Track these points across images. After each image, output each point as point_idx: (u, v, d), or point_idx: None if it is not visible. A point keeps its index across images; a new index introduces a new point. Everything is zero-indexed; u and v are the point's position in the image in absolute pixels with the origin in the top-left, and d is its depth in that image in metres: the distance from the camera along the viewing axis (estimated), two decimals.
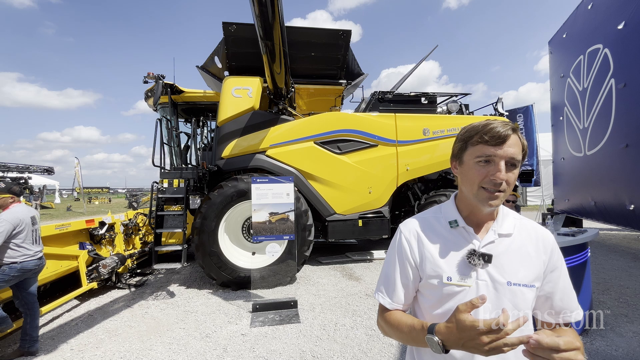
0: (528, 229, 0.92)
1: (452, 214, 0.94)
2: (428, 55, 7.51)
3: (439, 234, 0.93)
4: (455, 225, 0.91)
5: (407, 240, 0.95)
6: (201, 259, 4.73)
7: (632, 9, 4.79)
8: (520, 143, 0.84)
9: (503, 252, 0.87)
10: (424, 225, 0.96)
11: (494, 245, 0.88)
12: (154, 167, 5.26)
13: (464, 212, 0.93)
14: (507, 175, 0.81)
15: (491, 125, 0.83)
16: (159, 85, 5.07)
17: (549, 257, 0.89)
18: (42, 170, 10.01)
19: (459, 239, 0.91)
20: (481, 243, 0.88)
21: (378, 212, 5.70)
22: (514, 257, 0.87)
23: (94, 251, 4.63)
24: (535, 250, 0.89)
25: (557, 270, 0.90)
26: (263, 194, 4.19)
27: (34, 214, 3.29)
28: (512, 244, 0.89)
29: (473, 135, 0.86)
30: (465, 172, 0.89)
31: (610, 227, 7.90)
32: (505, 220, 0.92)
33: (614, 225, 6.36)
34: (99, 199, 35.07)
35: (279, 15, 3.60)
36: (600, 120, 5.84)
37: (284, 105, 5.67)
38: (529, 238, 0.90)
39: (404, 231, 0.97)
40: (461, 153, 0.91)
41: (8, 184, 3.26)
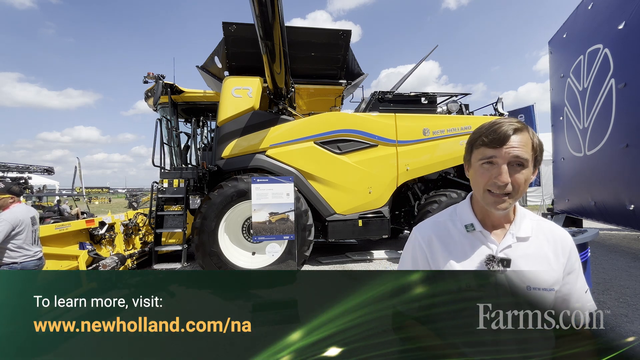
0: (545, 231, 0.90)
1: (468, 217, 0.91)
2: (428, 55, 7.51)
3: (455, 239, 0.90)
4: (472, 229, 0.89)
5: (422, 245, 0.92)
6: (201, 259, 4.72)
7: (632, 9, 4.79)
8: (528, 141, 0.81)
9: (521, 256, 0.85)
10: (439, 229, 0.94)
11: (512, 250, 0.86)
12: (154, 167, 5.26)
13: (479, 214, 0.91)
14: (512, 177, 0.79)
15: (495, 126, 0.82)
16: (159, 85, 5.07)
17: (567, 260, 0.87)
18: (42, 170, 10.00)
19: (475, 243, 0.88)
20: (499, 247, 0.86)
21: (378, 212, 5.69)
22: (533, 261, 0.85)
23: (94, 251, 4.63)
24: (554, 253, 0.87)
25: (575, 272, 0.88)
26: (263, 194, 4.19)
27: (34, 214, 3.28)
28: (530, 247, 0.87)
29: (477, 137, 0.85)
30: (473, 175, 0.88)
31: (610, 227, 7.89)
32: (523, 222, 0.89)
33: (614, 225, 6.36)
34: (99, 199, 35.08)
35: (279, 15, 3.59)
36: (600, 120, 5.84)
37: (284, 105, 5.67)
38: (546, 240, 0.88)
39: (419, 236, 0.95)
40: (469, 156, 0.89)
41: (7, 184, 3.25)
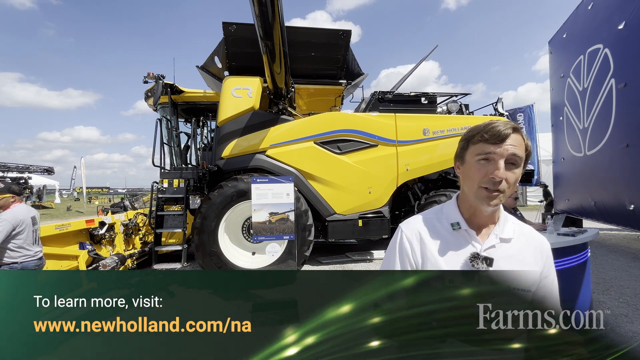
0: (526, 234, 0.94)
1: (454, 216, 0.94)
2: (428, 55, 7.51)
3: (440, 235, 0.92)
4: (458, 228, 0.91)
5: (408, 239, 0.94)
6: (201, 259, 4.72)
7: (632, 9, 4.79)
8: (522, 142, 0.84)
9: (503, 257, 0.88)
10: (425, 225, 0.95)
11: (495, 250, 0.88)
12: (154, 167, 5.26)
13: (466, 213, 0.93)
14: (506, 174, 0.81)
15: (493, 124, 0.84)
16: (159, 85, 5.07)
17: (544, 264, 0.91)
18: (42, 170, 10.03)
19: (460, 241, 0.91)
20: (483, 246, 0.89)
21: (378, 212, 5.69)
22: (513, 262, 0.88)
23: (94, 251, 4.63)
24: (533, 257, 0.90)
25: (550, 276, 0.91)
26: (263, 194, 4.19)
27: (34, 214, 3.28)
28: (512, 248, 0.90)
29: (475, 134, 0.87)
30: (467, 171, 0.89)
31: (610, 227, 7.90)
32: (506, 224, 0.92)
33: (614, 225, 6.36)
34: (99, 199, 35.06)
35: (279, 15, 3.60)
36: (600, 120, 5.84)
37: (284, 105, 5.67)
38: (527, 244, 0.92)
39: (405, 230, 0.96)
40: (463, 152, 0.91)
41: (7, 184, 3.26)
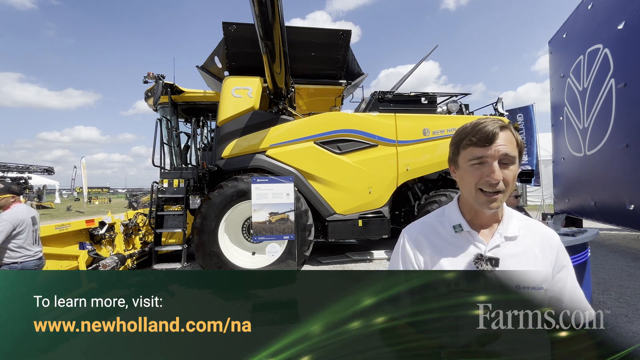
0: (533, 230, 0.91)
1: (456, 218, 0.92)
2: (428, 55, 7.51)
3: (443, 239, 0.91)
4: (460, 230, 0.89)
5: (411, 246, 0.93)
6: (201, 259, 4.72)
7: (632, 9, 4.79)
8: (513, 139, 0.82)
9: (510, 256, 0.85)
10: (427, 230, 0.94)
11: (500, 249, 0.86)
12: (154, 167, 5.26)
13: (468, 215, 0.92)
14: (502, 175, 0.80)
15: (479, 125, 0.82)
16: (159, 85, 5.07)
17: (555, 257, 0.88)
18: (42, 170, 10.03)
19: (464, 243, 0.89)
20: (487, 247, 0.87)
21: (378, 212, 5.69)
22: (521, 260, 0.85)
23: (94, 251, 4.63)
24: (541, 252, 0.87)
25: (565, 269, 0.88)
26: (263, 194, 4.19)
27: (34, 214, 3.29)
28: (518, 246, 0.87)
29: (463, 138, 0.85)
30: (462, 176, 0.88)
31: (610, 227, 7.89)
32: (511, 222, 0.90)
33: (614, 225, 6.36)
34: (99, 199, 35.06)
35: (279, 15, 3.60)
36: (600, 120, 5.84)
37: (284, 105, 5.67)
38: (534, 239, 0.89)
39: (407, 237, 0.95)
40: (455, 157, 0.90)
41: (7, 184, 3.26)
